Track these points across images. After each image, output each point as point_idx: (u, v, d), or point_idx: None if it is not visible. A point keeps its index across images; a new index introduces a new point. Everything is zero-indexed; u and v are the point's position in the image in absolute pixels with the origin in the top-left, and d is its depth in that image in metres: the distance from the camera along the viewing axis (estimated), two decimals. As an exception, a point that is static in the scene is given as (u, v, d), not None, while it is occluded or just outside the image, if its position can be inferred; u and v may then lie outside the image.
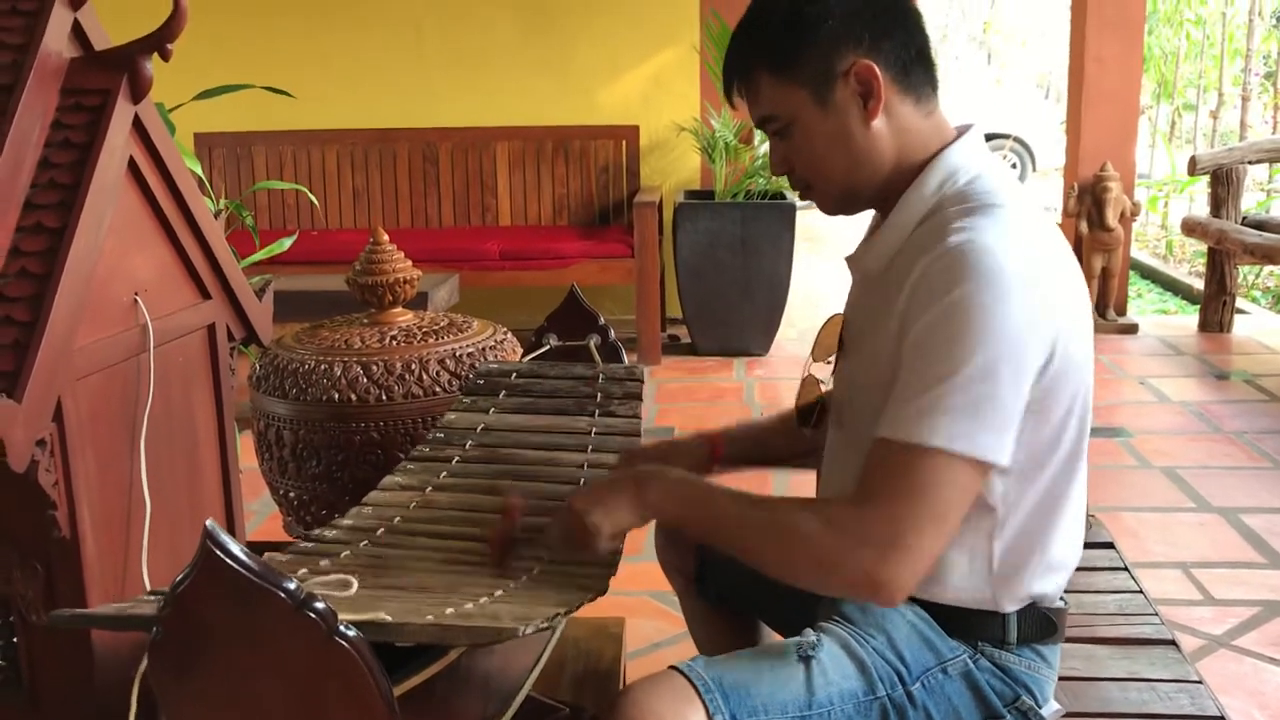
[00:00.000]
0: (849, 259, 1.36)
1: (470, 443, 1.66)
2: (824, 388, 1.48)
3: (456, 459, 1.62)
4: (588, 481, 1.51)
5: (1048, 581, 1.29)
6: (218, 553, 0.88)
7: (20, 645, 1.31)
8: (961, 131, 1.30)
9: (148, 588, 1.34)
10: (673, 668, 1.19)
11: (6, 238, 1.22)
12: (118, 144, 1.31)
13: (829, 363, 1.40)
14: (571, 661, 1.76)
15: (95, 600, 1.28)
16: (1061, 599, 1.35)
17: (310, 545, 1.40)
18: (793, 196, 4.88)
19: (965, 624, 1.28)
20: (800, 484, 1.50)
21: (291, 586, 0.90)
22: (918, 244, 1.22)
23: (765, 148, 5.13)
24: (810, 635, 1.26)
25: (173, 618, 0.92)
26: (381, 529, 1.44)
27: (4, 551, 1.27)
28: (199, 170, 2.49)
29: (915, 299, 1.17)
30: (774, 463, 1.63)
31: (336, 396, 1.83)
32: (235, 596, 0.89)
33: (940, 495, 1.11)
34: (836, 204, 1.33)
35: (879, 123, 1.25)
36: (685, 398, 4.28)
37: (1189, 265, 6.76)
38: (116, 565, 1.34)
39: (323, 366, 1.86)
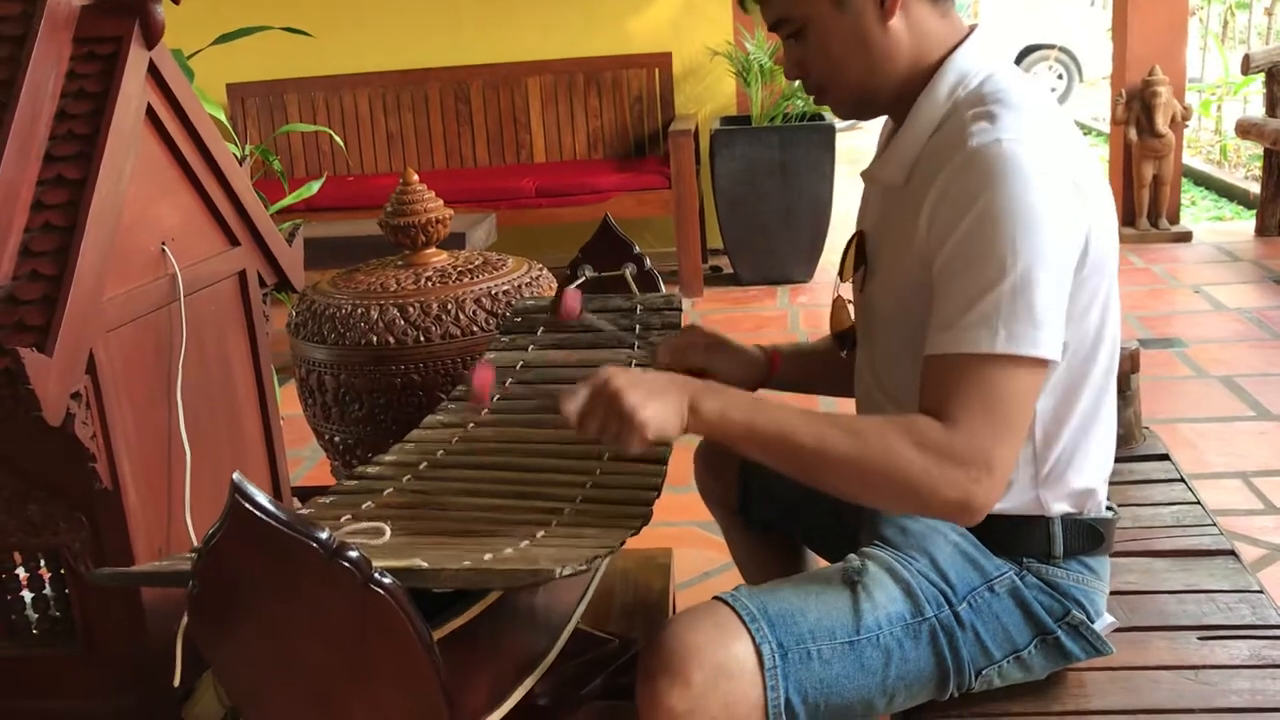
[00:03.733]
0: (864, 174, 1.33)
1: (510, 380, 1.65)
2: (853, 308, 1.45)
3: (498, 396, 1.61)
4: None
5: (1090, 473, 1.26)
6: (246, 505, 0.87)
7: (72, 597, 1.32)
8: (970, 31, 1.26)
9: (192, 536, 1.35)
10: (716, 598, 1.18)
11: (29, 191, 1.21)
12: (134, 91, 1.29)
13: (854, 280, 1.37)
14: (620, 593, 1.76)
15: (140, 549, 1.29)
16: (1110, 508, 1.32)
17: (354, 484, 1.40)
18: (832, 118, 4.79)
19: (1010, 538, 1.26)
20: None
21: (324, 536, 0.89)
22: (936, 151, 1.19)
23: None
24: (854, 560, 1.24)
25: (207, 571, 0.91)
26: (424, 463, 1.44)
27: (50, 504, 1.28)
28: (220, 116, 2.48)
29: (942, 210, 1.15)
30: (826, 390, 1.60)
31: (375, 340, 1.82)
32: (267, 548, 0.88)
33: (1013, 404, 1.10)
34: (852, 108, 1.31)
35: (896, 22, 1.22)
36: (729, 329, 4.20)
37: (1245, 169, 6.56)
38: (160, 515, 1.35)
39: (360, 310, 1.85)
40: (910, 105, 1.25)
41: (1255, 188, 5.44)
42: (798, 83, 4.67)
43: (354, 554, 0.90)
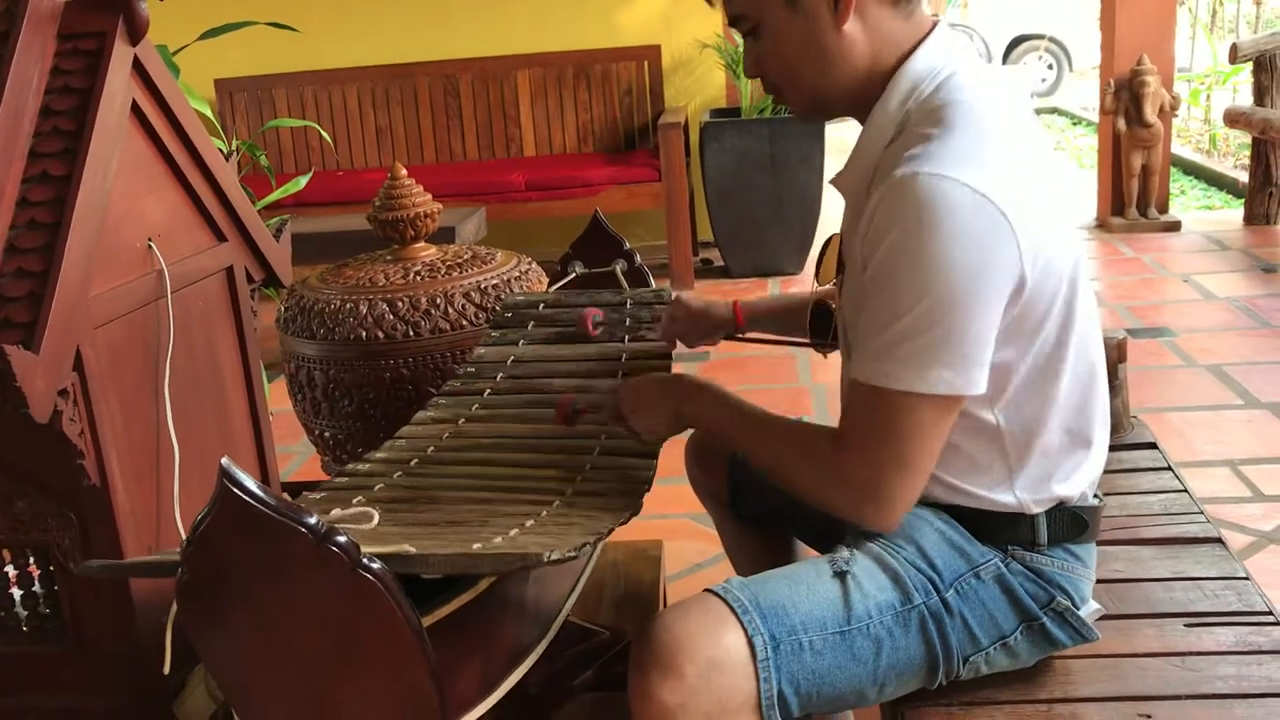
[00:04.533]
0: (834, 181, 1.31)
1: (501, 374, 1.66)
2: (834, 305, 1.46)
3: (488, 391, 1.62)
4: (629, 373, 1.60)
5: (1073, 484, 1.27)
6: (235, 490, 0.87)
7: (62, 593, 1.32)
8: (931, 29, 1.22)
9: (181, 532, 1.35)
10: (707, 590, 1.18)
11: (14, 188, 1.21)
12: (118, 87, 1.29)
13: (835, 283, 1.37)
14: (611, 585, 1.76)
15: (130, 546, 1.29)
16: (1096, 496, 1.32)
17: (344, 480, 1.40)
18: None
19: (993, 528, 1.26)
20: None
21: (312, 521, 0.89)
22: (887, 164, 1.16)
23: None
24: (843, 551, 1.25)
25: (196, 558, 0.92)
26: (415, 459, 1.44)
27: (39, 501, 1.28)
28: (208, 112, 2.47)
29: (869, 235, 1.14)
30: (790, 334, 1.68)
31: (364, 335, 1.82)
32: (256, 533, 0.89)
33: (905, 437, 1.12)
34: (808, 109, 1.28)
35: (851, 26, 1.18)
36: (720, 320, 4.24)
37: (1234, 159, 6.58)
38: (149, 511, 1.35)
39: (349, 305, 1.85)
40: (870, 108, 1.22)
41: (1244, 176, 5.45)
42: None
43: (342, 539, 0.90)
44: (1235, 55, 5.02)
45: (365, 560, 0.91)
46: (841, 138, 7.80)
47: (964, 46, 1.23)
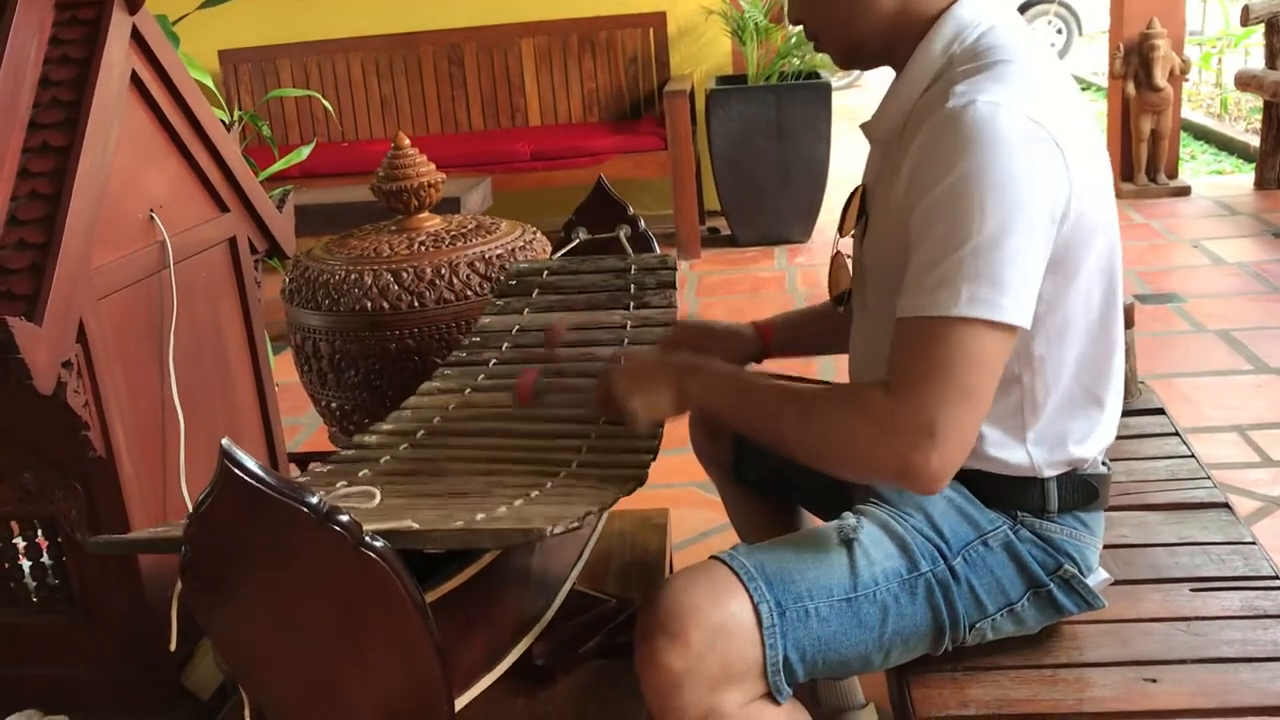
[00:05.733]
0: (864, 126, 1.32)
1: (506, 344, 1.65)
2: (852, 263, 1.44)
3: (494, 361, 1.62)
4: (628, 357, 1.50)
5: (1088, 446, 1.26)
6: (236, 470, 0.87)
7: (70, 564, 1.33)
8: None
9: (188, 503, 1.35)
10: (714, 557, 1.18)
11: (14, 159, 1.20)
12: (117, 57, 1.28)
13: (855, 236, 1.36)
14: (617, 554, 1.77)
15: (136, 517, 1.29)
16: (1104, 464, 1.32)
17: (351, 453, 1.40)
18: (828, 75, 4.75)
19: (1004, 493, 1.25)
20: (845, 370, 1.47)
21: (314, 500, 0.89)
22: (927, 107, 1.16)
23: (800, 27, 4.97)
24: (850, 518, 1.24)
25: (198, 537, 0.92)
26: (421, 431, 1.44)
27: (45, 473, 1.28)
28: (208, 82, 2.46)
29: (919, 172, 1.12)
30: (823, 349, 1.61)
31: (369, 305, 1.82)
32: (257, 513, 0.89)
33: (966, 369, 1.06)
34: (843, 55, 1.29)
35: None
36: (726, 290, 4.24)
37: (1245, 123, 6.52)
38: (155, 482, 1.35)
39: (353, 276, 1.85)
40: (907, 55, 1.23)
41: (1255, 141, 5.41)
42: (793, 40, 4.60)
43: (345, 518, 0.90)
44: (1247, 17, 4.96)
45: (368, 539, 0.91)
46: (848, 104, 7.76)
47: (1007, 3, 1.23)
